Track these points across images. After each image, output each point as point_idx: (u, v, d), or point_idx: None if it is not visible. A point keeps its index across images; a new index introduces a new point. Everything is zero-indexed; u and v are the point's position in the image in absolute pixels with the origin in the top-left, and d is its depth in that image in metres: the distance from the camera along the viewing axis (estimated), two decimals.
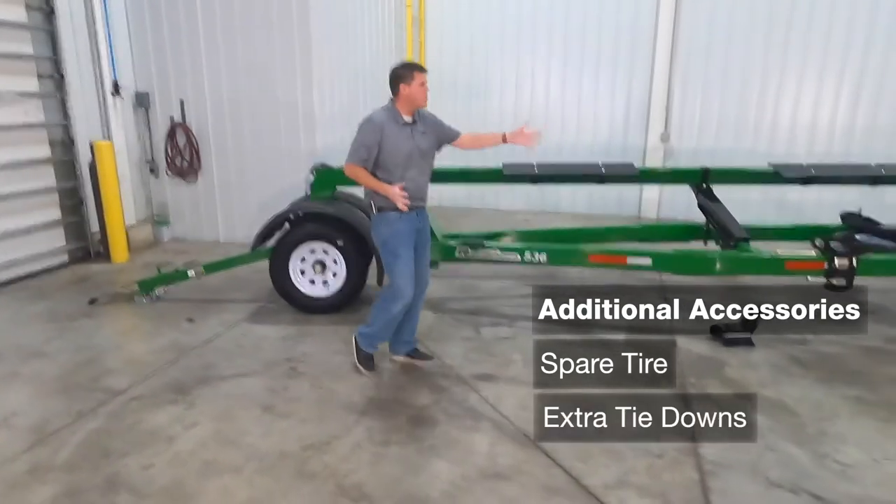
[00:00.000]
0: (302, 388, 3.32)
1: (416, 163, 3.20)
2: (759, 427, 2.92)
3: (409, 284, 3.24)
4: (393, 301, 3.26)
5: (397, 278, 3.23)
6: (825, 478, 2.54)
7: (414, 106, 3.19)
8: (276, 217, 4.37)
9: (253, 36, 5.99)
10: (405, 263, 3.22)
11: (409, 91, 3.13)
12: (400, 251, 3.21)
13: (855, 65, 7.10)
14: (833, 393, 3.30)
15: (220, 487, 2.46)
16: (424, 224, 3.37)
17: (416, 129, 3.22)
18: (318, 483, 2.49)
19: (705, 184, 5.02)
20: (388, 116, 3.17)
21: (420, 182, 3.25)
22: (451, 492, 2.45)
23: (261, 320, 4.33)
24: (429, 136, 3.28)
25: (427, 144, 3.27)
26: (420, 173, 3.25)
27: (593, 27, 7.97)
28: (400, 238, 3.20)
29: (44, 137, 5.44)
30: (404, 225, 3.20)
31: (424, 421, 2.99)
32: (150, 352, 3.79)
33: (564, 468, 2.61)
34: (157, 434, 2.84)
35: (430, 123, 3.32)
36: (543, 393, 2.60)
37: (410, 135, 3.19)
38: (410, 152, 3.17)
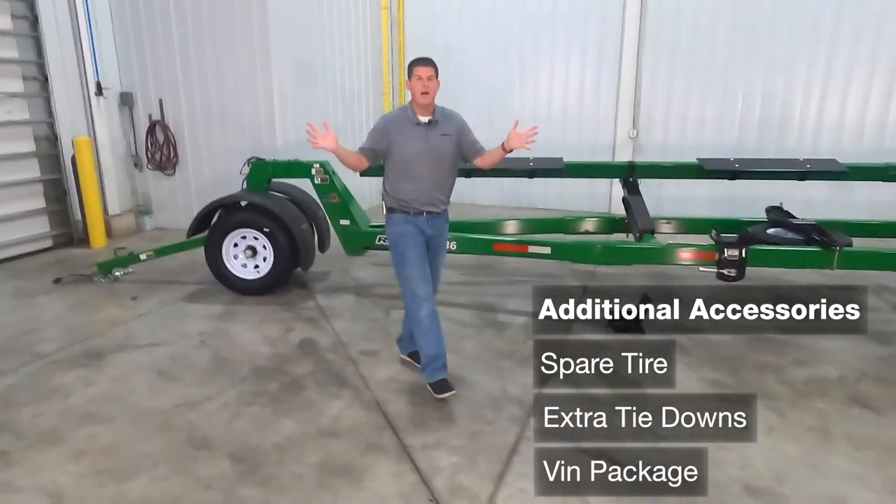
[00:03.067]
0: (201, 358, 3.68)
1: (426, 165, 3.01)
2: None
3: (421, 286, 3.06)
4: (413, 310, 3.10)
5: (407, 282, 3.08)
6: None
7: (418, 103, 2.98)
8: (209, 206, 4.76)
9: (219, 40, 6.42)
10: (413, 266, 3.06)
11: (410, 87, 2.98)
12: (407, 253, 3.07)
13: (822, 59, 7.03)
14: (693, 375, 3.44)
15: (89, 434, 2.83)
16: (438, 230, 3.18)
17: (434, 130, 3.02)
18: (173, 434, 2.83)
19: (631, 178, 5.15)
20: (400, 115, 3.05)
21: (430, 186, 3.03)
22: (284, 444, 2.75)
23: (196, 300, 4.73)
24: (450, 140, 3.06)
25: (445, 148, 3.05)
26: (432, 176, 3.04)
27: (563, 27, 8.11)
28: (406, 240, 3.07)
29: (29, 133, 6.02)
30: (411, 227, 3.08)
31: (293, 387, 3.30)
32: (86, 323, 4.24)
33: (396, 430, 2.87)
34: (58, 390, 3.25)
35: (457, 128, 3.10)
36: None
37: (424, 136, 3.00)
38: (420, 154, 2.99)
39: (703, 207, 7.38)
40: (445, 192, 3.17)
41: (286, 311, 4.47)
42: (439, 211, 3.14)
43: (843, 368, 3.51)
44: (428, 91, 2.93)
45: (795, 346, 3.84)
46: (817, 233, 4.18)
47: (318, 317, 4.38)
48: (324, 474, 2.53)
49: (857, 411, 3.05)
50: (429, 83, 2.93)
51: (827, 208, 7.02)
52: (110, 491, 2.42)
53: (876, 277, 4.77)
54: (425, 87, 2.92)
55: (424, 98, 2.94)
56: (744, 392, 3.22)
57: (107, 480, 2.48)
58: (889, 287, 5.04)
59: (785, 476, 2.51)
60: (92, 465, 2.60)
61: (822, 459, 2.63)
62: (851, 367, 3.54)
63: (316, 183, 4.78)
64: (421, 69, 2.93)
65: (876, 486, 2.45)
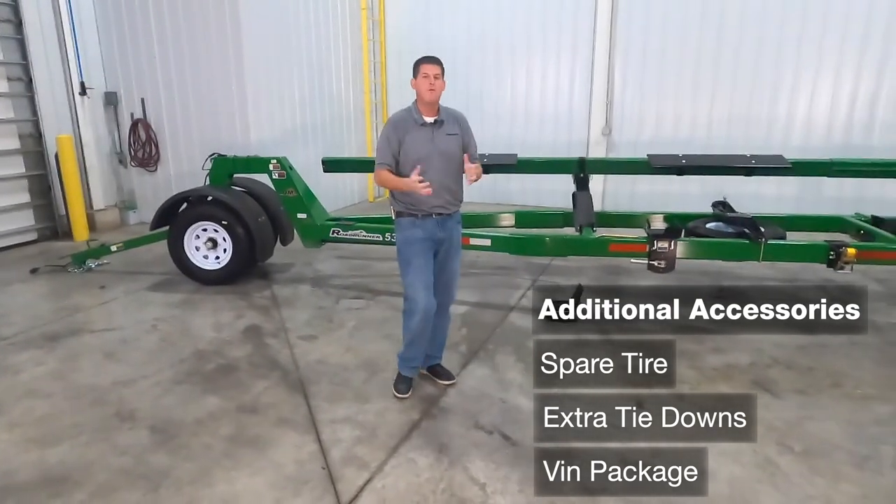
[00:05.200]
0: (149, 342, 3.90)
1: (434, 166, 2.88)
2: (510, 384, 3.30)
3: (421, 294, 2.96)
4: (409, 315, 3.02)
5: (408, 288, 3.00)
6: (529, 424, 2.86)
7: (423, 102, 2.92)
8: (170, 201, 5.00)
9: (194, 40, 6.69)
10: (416, 273, 2.97)
11: (416, 85, 2.90)
12: (412, 259, 2.97)
13: (789, 59, 7.09)
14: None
15: (27, 407, 3.06)
16: (449, 234, 3.05)
17: (440, 130, 2.95)
18: (103, 408, 3.05)
19: (582, 173, 5.28)
20: (405, 116, 2.96)
21: (439, 187, 2.90)
22: (202, 418, 2.95)
23: (159, 289, 4.97)
24: (457, 140, 2.99)
25: (453, 147, 2.96)
26: (441, 177, 2.92)
27: (538, 29, 8.27)
28: (412, 246, 2.97)
29: (14, 131, 6.33)
30: (419, 232, 2.96)
31: (227, 369, 3.50)
32: (51, 310, 4.49)
33: (311, 406, 3.06)
34: (9, 369, 3.49)
35: (462, 127, 3.03)
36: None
37: (430, 136, 2.92)
38: (427, 155, 2.88)
39: (694, 203, 7.29)
40: (455, 193, 3.04)
41: (241, 300, 4.69)
42: (450, 212, 3.02)
43: (758, 356, 3.62)
44: (434, 89, 2.87)
45: (719, 335, 3.95)
46: (750, 226, 4.29)
47: (269, 305, 4.59)
48: (232, 445, 2.72)
49: (755, 394, 3.16)
50: (435, 81, 2.87)
51: (797, 203, 7.10)
52: (33, 456, 2.64)
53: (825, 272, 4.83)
54: (432, 84, 2.86)
55: (431, 95, 2.87)
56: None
57: (32, 447, 2.70)
58: (834, 281, 5.11)
59: (661, 451, 2.64)
60: (23, 434, 2.82)
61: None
62: (766, 354, 3.64)
63: (273, 178, 5.00)
64: (427, 67, 2.87)
65: (745, 461, 2.57)
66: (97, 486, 2.42)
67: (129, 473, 2.50)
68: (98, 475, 2.49)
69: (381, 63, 9.10)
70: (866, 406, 3.05)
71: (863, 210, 5.28)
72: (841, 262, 4.02)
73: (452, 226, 3.06)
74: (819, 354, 3.65)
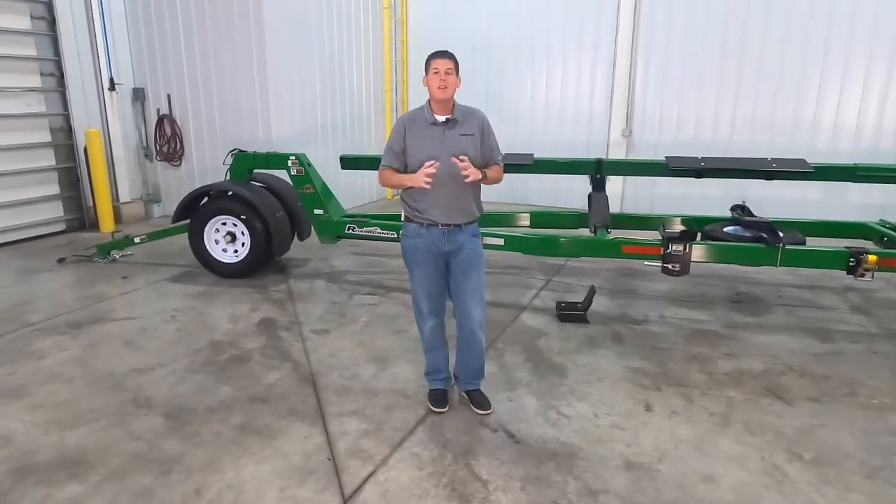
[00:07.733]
0: (168, 332, 4.01)
1: (443, 170, 2.63)
2: (518, 382, 3.31)
3: (425, 303, 2.88)
4: (419, 325, 2.99)
5: (413, 294, 2.94)
6: (534, 423, 2.89)
7: (435, 99, 2.71)
8: (191, 195, 5.11)
9: (220, 40, 6.82)
10: (418, 282, 2.86)
11: (427, 82, 2.71)
12: (414, 268, 2.86)
13: (816, 60, 6.93)
14: (619, 363, 3.56)
15: (50, 391, 3.17)
16: (459, 247, 2.78)
17: (453, 129, 2.72)
18: (121, 393, 3.15)
19: (599, 174, 5.25)
20: (416, 114, 2.78)
21: (447, 194, 2.70)
22: (215, 407, 3.02)
23: (179, 281, 5.09)
24: (472, 141, 2.74)
25: (466, 150, 2.69)
26: (450, 183, 2.67)
27: (560, 29, 8.23)
28: (414, 254, 2.83)
29: (45, 125, 6.53)
30: (420, 242, 2.78)
31: (241, 360, 3.58)
32: (75, 298, 4.64)
33: (320, 399, 3.11)
34: (34, 354, 3.62)
35: (480, 127, 2.79)
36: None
37: (441, 136, 2.71)
38: (436, 156, 2.65)
39: (715, 206, 7.20)
40: (469, 202, 2.78)
41: (257, 293, 4.78)
42: (459, 224, 2.76)
43: (772, 363, 3.57)
44: (446, 85, 2.65)
45: (733, 340, 3.91)
46: (768, 231, 4.22)
47: (284, 299, 4.67)
48: (241, 433, 2.79)
49: (767, 401, 3.12)
50: (447, 77, 2.65)
51: (820, 209, 6.93)
52: (53, 437, 2.74)
53: (846, 279, 4.72)
54: (443, 80, 2.65)
55: (442, 93, 2.66)
56: (661, 380, 3.34)
57: (53, 429, 2.80)
58: (856, 289, 5.01)
59: (667, 455, 2.63)
60: (45, 416, 2.93)
61: (710, 441, 2.74)
62: (780, 361, 3.59)
63: (292, 174, 5.08)
64: (438, 62, 2.67)
65: (752, 467, 2.54)
66: (111, 469, 2.50)
67: (142, 458, 2.58)
68: (113, 458, 2.58)
69: (403, 61, 9.15)
70: (881, 416, 2.99)
71: (889, 217, 5.14)
72: (861, 269, 3.93)
73: (465, 239, 2.79)
74: (835, 362, 3.59)
